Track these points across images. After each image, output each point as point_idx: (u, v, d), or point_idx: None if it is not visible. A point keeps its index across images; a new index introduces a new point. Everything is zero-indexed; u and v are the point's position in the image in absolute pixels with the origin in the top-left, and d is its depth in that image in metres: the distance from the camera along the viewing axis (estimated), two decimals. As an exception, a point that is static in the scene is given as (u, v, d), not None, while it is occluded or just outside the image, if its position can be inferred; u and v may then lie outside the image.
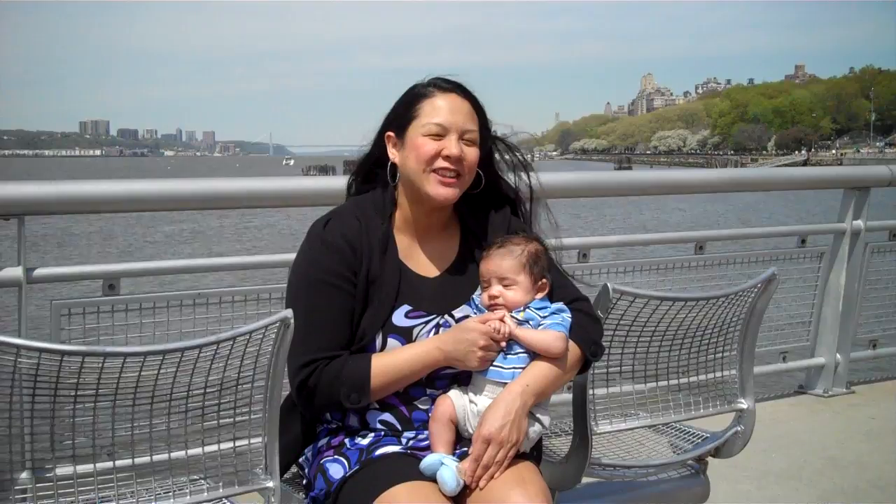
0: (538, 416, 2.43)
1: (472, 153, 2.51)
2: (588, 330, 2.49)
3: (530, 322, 2.43)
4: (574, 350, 2.45)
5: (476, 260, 2.57)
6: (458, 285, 2.56)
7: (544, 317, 2.43)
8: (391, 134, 2.58)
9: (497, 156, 2.68)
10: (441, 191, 2.48)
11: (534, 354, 2.42)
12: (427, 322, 2.49)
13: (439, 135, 2.48)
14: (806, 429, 5.18)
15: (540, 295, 2.49)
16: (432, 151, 2.47)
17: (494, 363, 2.41)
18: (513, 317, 2.43)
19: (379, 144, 2.62)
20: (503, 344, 2.40)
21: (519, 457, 2.38)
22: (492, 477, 2.31)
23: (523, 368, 2.40)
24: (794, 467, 4.52)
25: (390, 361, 2.41)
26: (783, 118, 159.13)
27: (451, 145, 2.47)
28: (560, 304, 2.48)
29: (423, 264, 2.57)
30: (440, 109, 2.50)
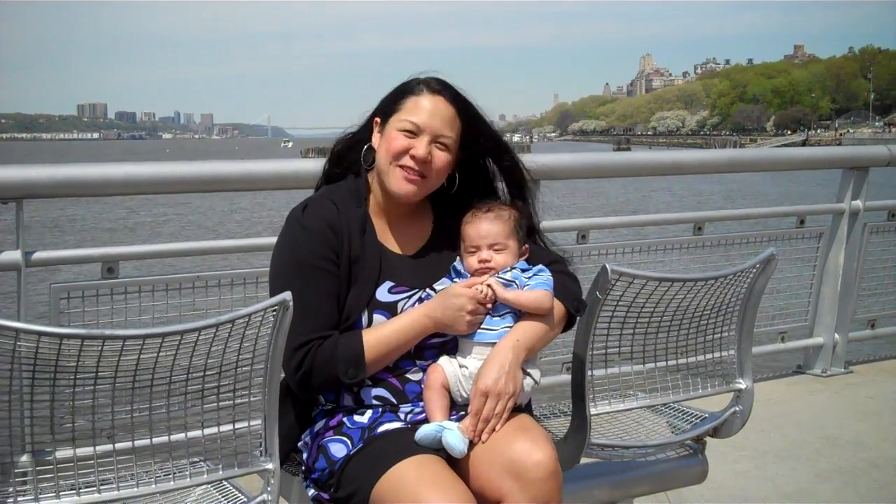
0: (529, 370, 2.51)
1: (441, 157, 2.55)
2: (570, 288, 2.60)
3: (516, 282, 2.51)
4: (559, 307, 2.55)
5: (449, 237, 2.64)
6: (434, 261, 2.62)
7: (529, 277, 2.53)
8: (378, 120, 2.62)
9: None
10: (403, 186, 2.54)
11: (519, 314, 2.50)
12: (410, 296, 2.54)
13: (413, 132, 2.52)
14: (804, 408, 5.19)
15: (522, 259, 2.59)
16: (401, 147, 2.52)
17: (482, 326, 2.48)
18: (500, 277, 2.51)
19: (367, 127, 2.67)
20: (489, 306, 2.48)
21: (515, 411, 2.45)
22: (493, 429, 2.37)
23: (510, 328, 2.49)
24: (793, 447, 4.54)
25: (382, 334, 2.45)
26: (782, 98, 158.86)
27: (420, 147, 2.51)
28: (541, 266, 2.58)
29: (399, 244, 2.62)
30: (421, 109, 2.53)
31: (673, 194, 34.78)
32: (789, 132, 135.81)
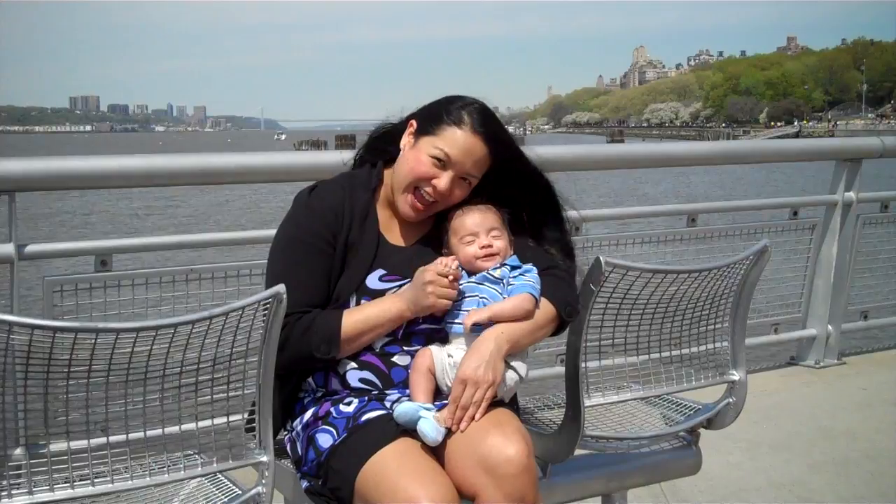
0: (514, 364, 2.49)
1: (459, 193, 2.59)
2: (563, 290, 2.56)
3: (504, 280, 2.52)
4: (548, 308, 2.52)
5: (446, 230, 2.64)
6: (429, 253, 2.62)
7: (515, 276, 2.53)
8: (414, 123, 2.62)
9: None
10: (408, 211, 2.59)
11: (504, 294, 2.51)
12: (400, 286, 2.55)
13: (442, 162, 2.53)
14: (797, 400, 5.20)
15: (511, 251, 2.61)
16: (425, 174, 2.54)
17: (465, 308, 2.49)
18: (489, 274, 2.53)
19: (403, 123, 2.67)
20: (451, 278, 2.45)
21: (496, 405, 2.43)
22: (472, 418, 2.36)
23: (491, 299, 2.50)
24: (786, 438, 4.55)
25: (360, 314, 2.48)
26: (775, 90, 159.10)
27: (443, 180, 2.54)
28: (529, 266, 2.57)
29: (399, 235, 2.65)
30: (457, 144, 2.53)
31: (664, 186, 34.79)
32: (782, 124, 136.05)
